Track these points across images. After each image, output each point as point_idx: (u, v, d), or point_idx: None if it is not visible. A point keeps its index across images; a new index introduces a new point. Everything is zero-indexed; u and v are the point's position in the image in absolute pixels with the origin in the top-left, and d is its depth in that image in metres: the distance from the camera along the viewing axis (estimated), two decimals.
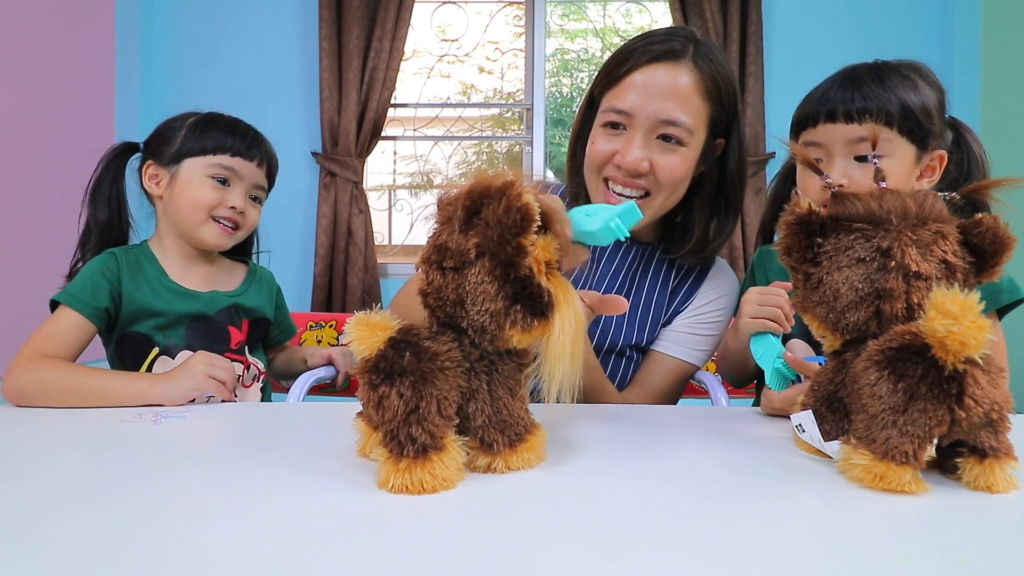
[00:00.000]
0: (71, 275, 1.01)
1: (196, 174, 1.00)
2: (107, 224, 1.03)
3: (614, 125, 0.90)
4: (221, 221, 1.01)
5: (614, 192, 0.91)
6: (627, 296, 1.01)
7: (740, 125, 0.95)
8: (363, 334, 0.50)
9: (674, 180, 0.90)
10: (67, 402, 0.82)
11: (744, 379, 1.06)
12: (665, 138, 0.88)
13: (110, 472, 0.55)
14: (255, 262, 1.18)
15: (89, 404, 0.81)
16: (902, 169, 0.86)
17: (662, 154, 0.89)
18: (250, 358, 1.07)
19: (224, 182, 1.01)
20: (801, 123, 0.89)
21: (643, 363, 1.02)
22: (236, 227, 1.03)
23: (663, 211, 0.95)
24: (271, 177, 1.09)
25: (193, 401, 0.85)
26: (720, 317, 1.01)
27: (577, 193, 1.00)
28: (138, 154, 1.06)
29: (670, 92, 0.87)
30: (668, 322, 1.01)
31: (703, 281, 1.01)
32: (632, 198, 0.89)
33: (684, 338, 1.00)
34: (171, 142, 1.01)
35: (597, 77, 0.95)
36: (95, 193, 1.03)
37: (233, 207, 1.01)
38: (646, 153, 0.88)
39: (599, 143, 0.91)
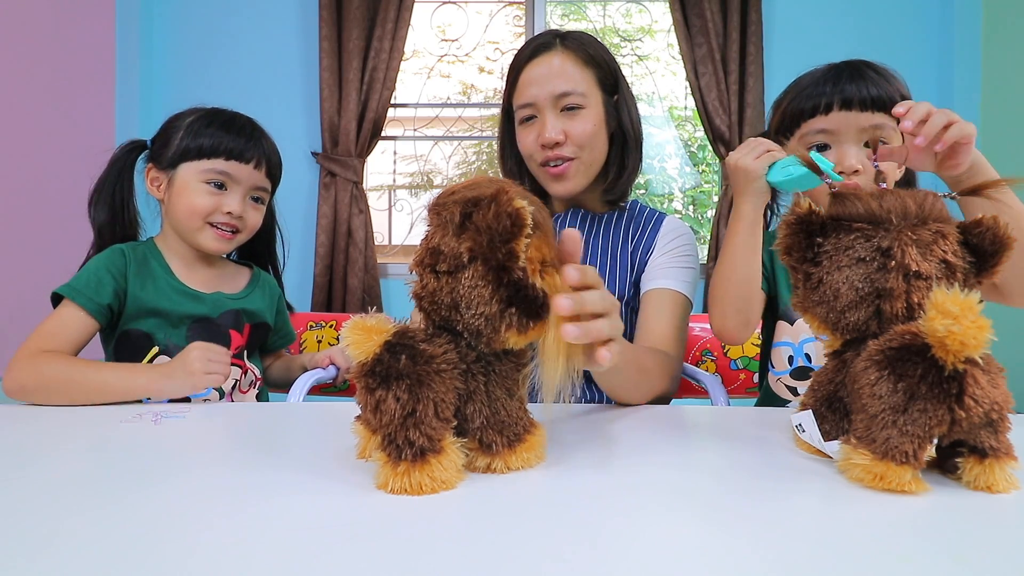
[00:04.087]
0: None
1: (192, 179, 0.99)
2: (106, 225, 1.03)
3: (528, 119, 1.07)
4: (219, 226, 1.00)
5: (550, 166, 1.05)
6: (592, 263, 1.07)
7: (623, 79, 1.10)
8: (359, 338, 0.50)
9: (587, 137, 1.04)
10: (67, 397, 0.82)
11: (747, 308, 0.92)
12: (568, 108, 1.04)
13: (110, 472, 0.55)
14: (281, 264, 1.19)
15: (89, 398, 0.81)
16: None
17: (571, 121, 1.04)
18: (248, 363, 1.06)
19: (221, 186, 1.00)
20: (809, 112, 0.93)
21: (639, 311, 1.05)
22: (235, 231, 1.02)
23: (593, 168, 1.07)
24: (273, 176, 1.07)
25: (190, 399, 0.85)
26: (688, 251, 1.08)
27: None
28: (146, 152, 1.05)
29: (554, 73, 1.04)
30: (641, 271, 1.09)
31: (659, 230, 1.10)
32: (562, 165, 1.05)
33: (664, 271, 1.06)
34: (170, 144, 1.00)
35: (504, 93, 1.12)
36: (97, 193, 1.03)
37: (230, 212, 1.00)
38: (558, 125, 1.03)
39: (523, 137, 1.08)
